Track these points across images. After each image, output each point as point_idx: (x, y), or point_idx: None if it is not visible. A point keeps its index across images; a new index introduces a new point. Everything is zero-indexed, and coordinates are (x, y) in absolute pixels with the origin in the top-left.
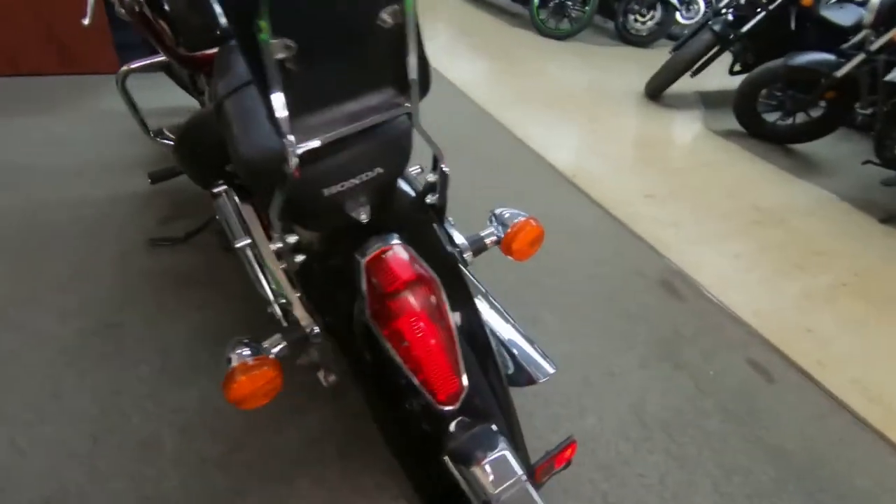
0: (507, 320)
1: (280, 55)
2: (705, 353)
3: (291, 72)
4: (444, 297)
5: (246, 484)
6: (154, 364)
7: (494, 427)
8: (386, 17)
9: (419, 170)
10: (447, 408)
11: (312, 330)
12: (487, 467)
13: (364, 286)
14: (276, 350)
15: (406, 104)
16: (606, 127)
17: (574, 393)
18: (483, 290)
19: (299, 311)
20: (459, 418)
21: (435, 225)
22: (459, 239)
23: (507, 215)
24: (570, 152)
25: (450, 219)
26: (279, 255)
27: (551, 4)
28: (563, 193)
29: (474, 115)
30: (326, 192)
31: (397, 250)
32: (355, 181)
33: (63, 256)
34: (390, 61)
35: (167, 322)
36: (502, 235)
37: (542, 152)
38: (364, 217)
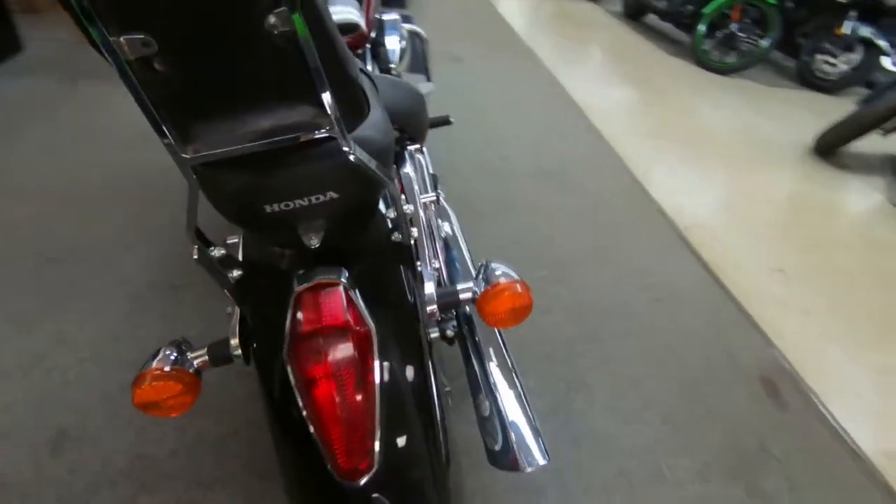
0: (513, 386)
1: (141, 53)
2: (797, 487)
3: (163, 73)
4: (375, 352)
5: (229, 470)
6: (199, 330)
7: None
8: (274, 21)
9: None
10: (349, 482)
11: (236, 351)
12: None
13: (289, 319)
14: (197, 363)
15: (327, 127)
16: (748, 179)
17: (600, 485)
18: (499, 342)
19: (230, 328)
20: (375, 495)
21: (403, 268)
22: (429, 289)
23: (495, 270)
24: (690, 200)
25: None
26: (209, 266)
27: (720, 34)
28: (666, 245)
29: (588, 142)
30: (268, 208)
31: (335, 289)
32: (303, 202)
33: (158, 211)
34: (294, 75)
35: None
36: (480, 292)
37: (655, 194)
38: (314, 242)
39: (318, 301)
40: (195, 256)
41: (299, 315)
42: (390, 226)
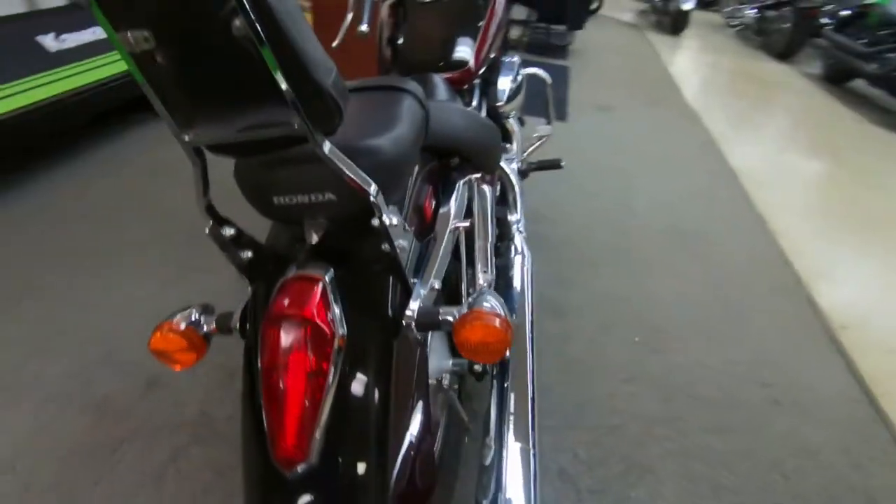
0: (525, 444)
1: (144, 47)
2: None
3: (163, 66)
4: (334, 354)
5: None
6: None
7: None
8: (239, 25)
9: None
10: (284, 470)
11: (236, 324)
12: None
13: (269, 304)
14: (207, 328)
15: (297, 126)
16: None
17: None
18: (527, 390)
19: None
20: (307, 488)
21: (392, 279)
22: (413, 305)
23: (482, 300)
24: (855, 295)
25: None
26: (220, 242)
27: None
28: (806, 341)
29: (734, 210)
30: (276, 200)
31: (314, 284)
32: (304, 199)
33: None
34: (260, 75)
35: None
36: (457, 317)
37: (809, 279)
38: (313, 238)
39: (294, 291)
40: (206, 231)
41: (274, 297)
42: (385, 235)
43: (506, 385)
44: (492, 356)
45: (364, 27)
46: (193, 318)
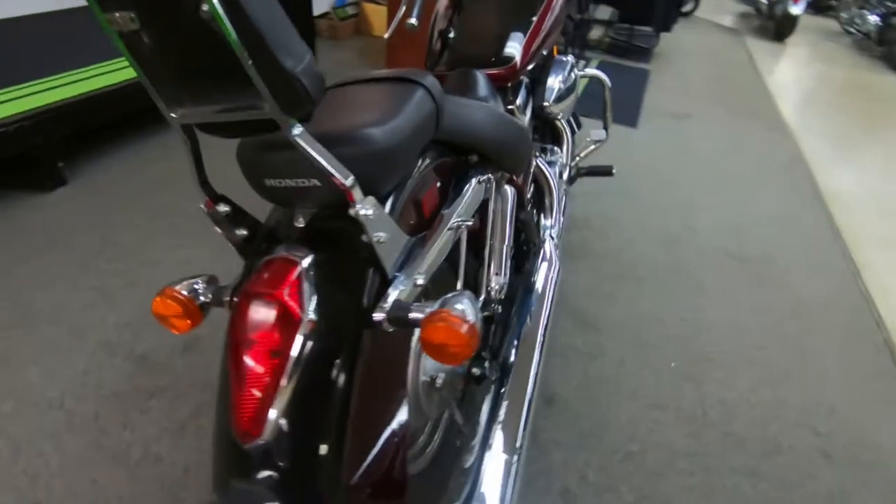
0: (511, 457)
1: (131, 27)
2: None
3: (150, 46)
4: (298, 337)
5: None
6: None
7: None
8: (206, 9)
9: None
10: (243, 443)
11: (227, 297)
12: None
13: (249, 278)
14: (204, 298)
15: (267, 110)
16: None
17: None
18: (522, 404)
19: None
20: (264, 463)
21: (372, 271)
22: (389, 298)
23: (453, 301)
24: None
25: None
26: (216, 219)
27: None
28: (877, 390)
29: (813, 236)
30: (268, 182)
31: (291, 265)
32: (292, 183)
33: None
34: (232, 59)
35: None
36: (424, 316)
37: (891, 322)
38: (300, 222)
39: (271, 271)
40: (201, 206)
41: (251, 279)
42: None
43: (503, 391)
44: (452, 360)
45: (413, 20)
46: (194, 288)
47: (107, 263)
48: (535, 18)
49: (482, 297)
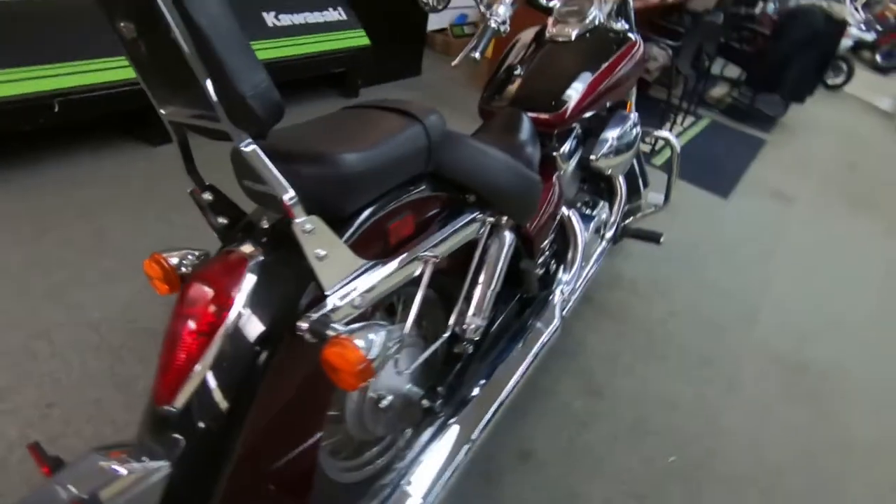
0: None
1: (132, 35)
2: None
3: (146, 52)
4: (224, 326)
5: None
6: None
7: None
8: (171, 36)
9: None
10: (159, 407)
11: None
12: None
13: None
14: (185, 269)
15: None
16: None
17: None
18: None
19: None
20: (173, 428)
21: (314, 284)
22: (321, 311)
23: (364, 327)
24: None
25: None
26: (200, 204)
27: None
28: None
29: None
30: (244, 182)
31: (239, 260)
32: (259, 188)
33: None
34: (184, 69)
35: None
36: (331, 336)
37: None
38: (264, 223)
39: (221, 260)
40: (189, 191)
41: (204, 263)
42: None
43: (450, 422)
44: (340, 383)
45: (476, 54)
46: (183, 259)
47: (180, 217)
48: (601, 69)
49: (448, 334)
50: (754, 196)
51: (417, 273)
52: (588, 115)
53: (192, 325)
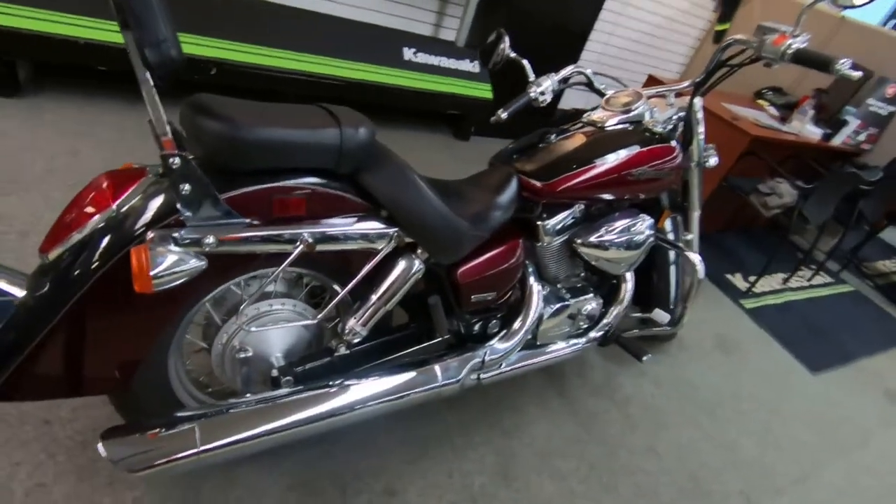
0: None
1: None
2: None
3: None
4: (103, 217)
5: None
6: None
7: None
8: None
9: None
10: (39, 251)
11: None
12: None
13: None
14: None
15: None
16: None
17: None
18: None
19: None
20: (39, 283)
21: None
22: (172, 231)
23: (165, 235)
24: None
25: None
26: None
27: None
28: None
29: None
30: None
31: (135, 174)
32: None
33: None
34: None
35: None
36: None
37: None
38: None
39: (131, 170)
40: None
41: (138, 167)
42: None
43: (281, 402)
44: (138, 284)
45: (504, 115)
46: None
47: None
48: (609, 158)
49: (313, 322)
50: (856, 385)
51: (290, 249)
52: (587, 199)
53: (86, 204)
